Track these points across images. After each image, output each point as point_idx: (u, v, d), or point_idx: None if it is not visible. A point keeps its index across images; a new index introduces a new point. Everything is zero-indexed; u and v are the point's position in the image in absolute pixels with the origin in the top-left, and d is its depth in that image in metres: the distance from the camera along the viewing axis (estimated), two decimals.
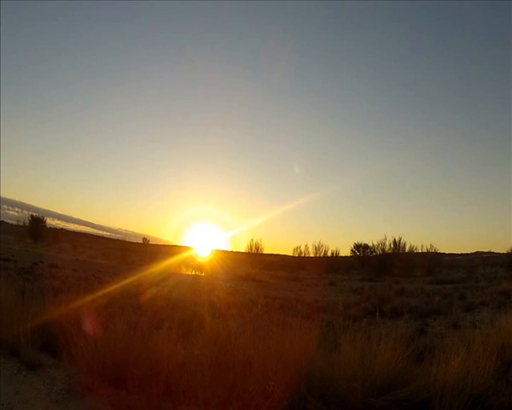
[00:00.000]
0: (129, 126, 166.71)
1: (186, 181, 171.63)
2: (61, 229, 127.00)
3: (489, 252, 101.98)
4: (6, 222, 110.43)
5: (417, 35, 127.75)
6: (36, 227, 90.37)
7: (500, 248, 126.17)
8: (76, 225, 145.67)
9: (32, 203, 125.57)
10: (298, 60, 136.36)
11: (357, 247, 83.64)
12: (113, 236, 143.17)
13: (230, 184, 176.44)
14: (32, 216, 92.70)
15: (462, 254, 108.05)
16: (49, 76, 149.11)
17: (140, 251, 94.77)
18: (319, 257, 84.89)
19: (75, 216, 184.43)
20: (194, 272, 53.82)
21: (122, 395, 6.20)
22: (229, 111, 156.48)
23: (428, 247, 78.17)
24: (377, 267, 72.42)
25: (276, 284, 48.48)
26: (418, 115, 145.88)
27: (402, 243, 77.77)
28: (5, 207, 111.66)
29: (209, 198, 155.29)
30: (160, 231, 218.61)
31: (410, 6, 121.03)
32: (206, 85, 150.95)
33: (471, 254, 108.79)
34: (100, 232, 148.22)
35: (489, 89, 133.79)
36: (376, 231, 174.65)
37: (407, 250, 77.60)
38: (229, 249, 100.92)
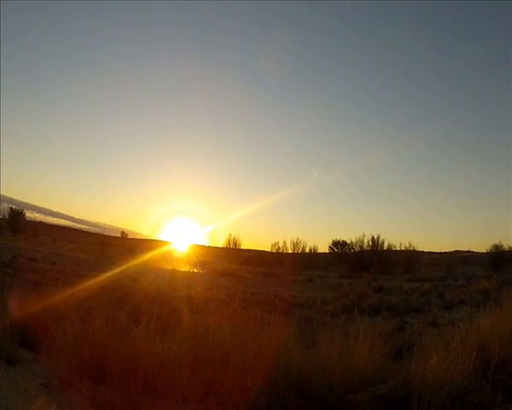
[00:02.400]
0: (110, 121, 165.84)
1: (165, 175, 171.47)
2: (41, 222, 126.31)
3: (468, 251, 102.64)
4: None
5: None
6: (15, 220, 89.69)
7: (479, 247, 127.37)
8: (55, 219, 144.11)
9: (10, 196, 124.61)
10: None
11: (336, 244, 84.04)
12: (92, 229, 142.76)
13: (209, 178, 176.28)
14: (11, 209, 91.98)
15: (440, 253, 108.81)
16: (34, 67, 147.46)
17: (118, 245, 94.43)
18: (297, 253, 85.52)
19: (54, 209, 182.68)
20: (172, 267, 53.68)
21: (101, 390, 6.19)
22: (209, 107, 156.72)
23: (407, 245, 78.79)
24: (355, 264, 72.79)
25: (254, 279, 48.42)
26: (397, 114, 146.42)
27: (380, 241, 78.32)
28: None
29: (187, 193, 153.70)
30: (139, 225, 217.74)
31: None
32: (188, 81, 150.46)
33: (450, 252, 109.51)
34: (79, 226, 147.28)
35: (475, 90, 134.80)
36: (355, 229, 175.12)
37: (385, 248, 78.18)
38: (207, 244, 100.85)
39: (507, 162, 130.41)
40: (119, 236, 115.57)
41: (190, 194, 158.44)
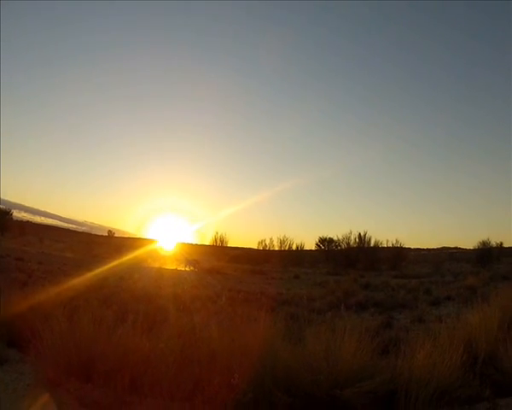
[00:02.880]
0: (93, 115, 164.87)
1: (152, 172, 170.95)
2: (28, 221, 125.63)
3: (455, 248, 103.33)
4: None
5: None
6: (2, 219, 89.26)
7: (466, 244, 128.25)
8: (43, 218, 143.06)
9: None
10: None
11: (322, 241, 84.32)
12: (79, 228, 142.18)
13: (197, 175, 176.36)
14: None
15: (428, 250, 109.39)
16: (18, 62, 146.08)
17: (105, 244, 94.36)
18: (284, 250, 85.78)
19: (42, 209, 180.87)
20: (159, 265, 53.58)
21: (88, 389, 6.17)
22: (197, 101, 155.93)
23: (394, 242, 79.02)
24: (342, 261, 72.94)
25: (241, 277, 48.53)
26: (384, 112, 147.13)
27: (367, 238, 78.52)
28: None
29: (175, 190, 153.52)
30: (126, 222, 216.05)
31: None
32: (175, 72, 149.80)
33: (437, 249, 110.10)
34: (66, 225, 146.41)
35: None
36: (342, 226, 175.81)
37: (372, 245, 78.39)
38: (194, 242, 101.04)
39: (496, 160, 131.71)
40: (106, 234, 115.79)
41: (178, 191, 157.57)
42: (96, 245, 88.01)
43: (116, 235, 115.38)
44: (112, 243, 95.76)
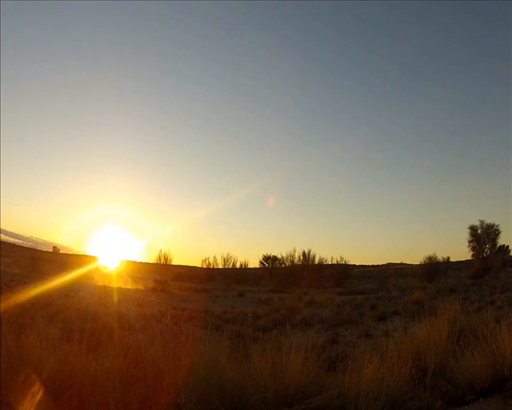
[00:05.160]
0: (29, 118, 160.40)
1: (97, 183, 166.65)
2: None
3: (401, 263, 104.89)
4: None
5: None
6: None
7: (412, 259, 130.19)
8: None
9: None
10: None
11: (266, 259, 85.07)
12: (25, 244, 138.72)
13: (142, 189, 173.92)
14: None
15: (373, 266, 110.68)
16: None
17: (51, 260, 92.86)
18: (228, 269, 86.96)
19: None
20: (104, 283, 53.07)
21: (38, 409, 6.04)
22: (141, 104, 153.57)
23: (338, 259, 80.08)
24: (286, 279, 73.52)
25: (185, 295, 48.95)
26: (322, 123, 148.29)
27: (311, 255, 79.75)
28: None
29: (118, 200, 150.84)
30: (68, 236, 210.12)
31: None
32: (117, 72, 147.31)
33: (382, 265, 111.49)
34: (12, 240, 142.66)
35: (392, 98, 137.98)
36: (286, 243, 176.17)
37: (317, 262, 79.51)
38: (138, 260, 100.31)
39: (439, 176, 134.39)
40: (51, 250, 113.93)
41: (122, 201, 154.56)
42: (41, 261, 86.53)
43: (61, 251, 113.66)
44: (57, 260, 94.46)
